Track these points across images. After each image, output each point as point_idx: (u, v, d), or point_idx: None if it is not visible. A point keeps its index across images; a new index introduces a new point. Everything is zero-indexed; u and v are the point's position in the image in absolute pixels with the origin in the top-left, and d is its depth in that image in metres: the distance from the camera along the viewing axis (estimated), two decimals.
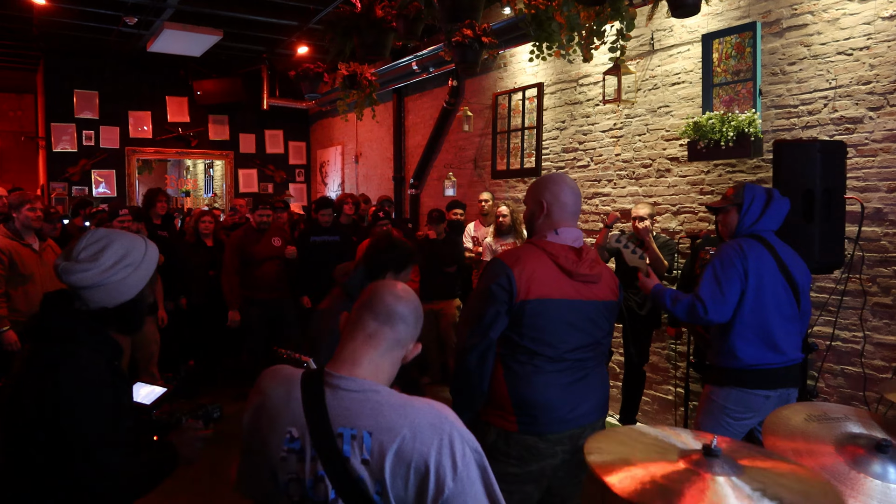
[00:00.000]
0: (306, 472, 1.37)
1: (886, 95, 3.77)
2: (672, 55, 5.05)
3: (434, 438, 1.32)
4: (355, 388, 1.39)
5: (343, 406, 1.37)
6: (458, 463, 1.31)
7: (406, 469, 1.30)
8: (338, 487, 1.33)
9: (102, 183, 9.77)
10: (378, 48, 4.94)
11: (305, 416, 1.38)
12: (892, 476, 1.59)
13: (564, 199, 2.35)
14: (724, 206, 3.04)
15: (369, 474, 1.32)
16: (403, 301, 1.48)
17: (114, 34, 8.45)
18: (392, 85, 8.10)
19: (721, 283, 2.84)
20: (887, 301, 3.80)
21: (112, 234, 1.85)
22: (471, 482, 1.32)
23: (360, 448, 1.33)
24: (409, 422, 1.34)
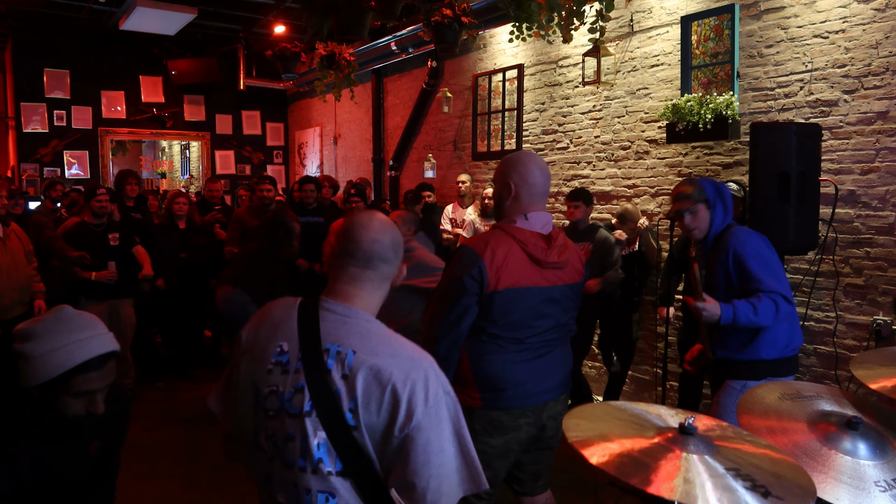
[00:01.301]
0: (288, 383, 1.41)
1: (861, 79, 3.81)
2: (651, 37, 5.05)
3: (413, 370, 1.37)
4: (349, 314, 1.46)
5: (335, 326, 1.44)
6: (430, 398, 1.35)
7: (381, 391, 1.34)
8: (315, 398, 1.37)
9: (75, 164, 9.58)
10: (356, 28, 4.89)
11: (298, 331, 1.45)
12: (862, 452, 1.62)
13: (533, 181, 2.33)
14: (692, 207, 2.85)
15: (346, 390, 1.35)
16: (380, 241, 1.51)
17: (85, 11, 8.25)
18: (371, 65, 8.02)
19: (776, 270, 2.68)
20: (859, 282, 3.87)
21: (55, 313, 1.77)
22: (439, 419, 1.35)
23: (343, 363, 1.37)
24: (392, 350, 1.40)
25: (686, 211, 2.86)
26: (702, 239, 2.90)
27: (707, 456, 1.41)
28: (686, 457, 1.40)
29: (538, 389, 2.34)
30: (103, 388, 1.78)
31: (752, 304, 2.59)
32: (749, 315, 2.58)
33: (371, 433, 1.35)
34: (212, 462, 4.25)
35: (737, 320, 2.58)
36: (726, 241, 2.77)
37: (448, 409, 1.38)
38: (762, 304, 2.58)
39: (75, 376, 1.71)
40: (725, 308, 2.59)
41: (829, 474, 1.57)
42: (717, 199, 2.83)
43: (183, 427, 4.94)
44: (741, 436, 1.59)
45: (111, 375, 1.80)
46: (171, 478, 4.14)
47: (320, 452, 1.36)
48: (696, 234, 2.90)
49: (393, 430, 1.33)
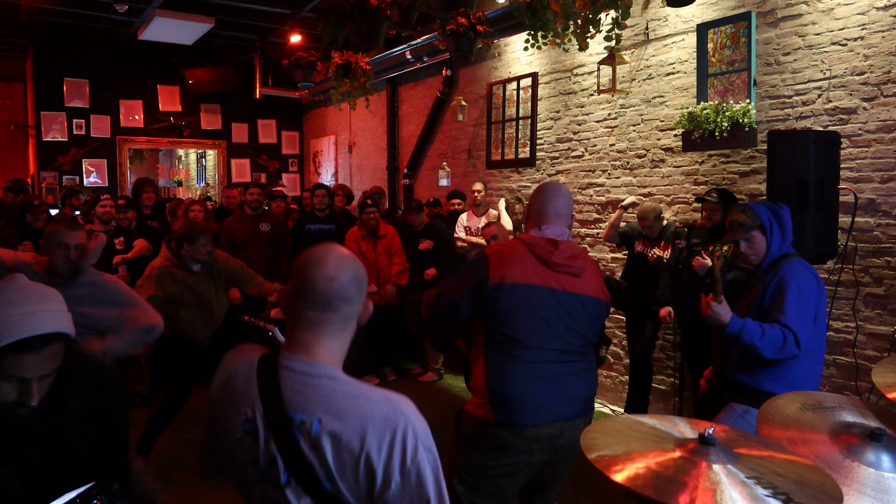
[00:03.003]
0: (260, 453, 1.34)
1: (880, 86, 3.78)
2: (667, 45, 5.04)
3: (386, 433, 1.29)
4: (311, 372, 1.34)
5: (296, 389, 1.33)
6: (408, 461, 1.28)
7: (354, 462, 1.28)
8: (290, 470, 1.31)
9: (94, 172, 9.69)
10: (372, 37, 4.91)
11: (260, 397, 1.34)
12: (886, 464, 1.59)
13: (552, 201, 2.46)
14: (746, 234, 2.75)
15: (318, 461, 1.29)
16: (337, 280, 1.36)
17: (104, 22, 8.36)
18: (386, 74, 8.06)
19: (804, 315, 2.57)
20: (879, 291, 3.82)
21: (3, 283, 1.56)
22: (420, 481, 1.29)
23: (309, 435, 1.29)
24: (360, 413, 1.30)
25: (741, 239, 2.75)
26: (758, 264, 2.79)
27: (729, 465, 1.40)
28: (708, 467, 1.38)
29: (553, 407, 2.27)
30: (43, 377, 1.55)
31: (761, 328, 2.52)
32: (754, 336, 2.51)
33: (353, 496, 1.30)
34: None
35: (741, 335, 2.51)
36: (779, 268, 2.67)
37: (429, 467, 1.31)
38: (771, 333, 2.51)
39: (5, 356, 1.47)
40: (735, 319, 2.54)
41: (852, 486, 1.54)
42: (774, 223, 2.72)
43: (192, 432, 4.95)
44: (763, 444, 1.57)
45: (54, 362, 1.56)
46: (185, 486, 4.14)
47: None
48: (752, 261, 2.79)
49: (373, 496, 1.29)
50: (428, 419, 1.39)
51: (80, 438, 1.76)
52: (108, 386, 1.85)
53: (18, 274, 1.62)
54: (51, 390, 1.62)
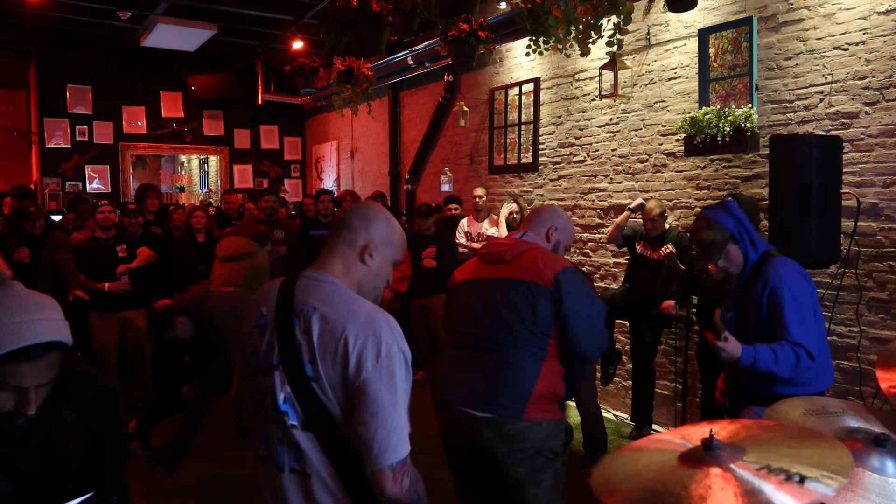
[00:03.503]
0: (264, 343, 1.56)
1: (882, 90, 3.77)
2: (668, 50, 5.04)
3: (365, 327, 1.46)
4: (319, 278, 1.60)
5: (306, 290, 1.57)
6: (382, 353, 1.44)
7: (335, 345, 1.45)
8: (281, 353, 1.50)
9: (96, 178, 9.72)
10: (374, 43, 4.93)
11: (277, 297, 1.59)
12: (891, 470, 1.58)
13: (540, 211, 2.66)
14: (722, 251, 2.63)
15: (306, 344, 1.48)
16: (346, 210, 1.70)
17: (107, 28, 8.40)
18: (388, 80, 8.08)
19: (805, 321, 2.51)
20: (883, 296, 3.81)
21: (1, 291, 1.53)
22: (390, 375, 1.44)
23: (304, 320, 1.50)
24: (349, 307, 1.51)
25: (720, 258, 2.63)
26: (738, 273, 2.68)
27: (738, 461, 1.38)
28: (716, 471, 1.37)
29: (452, 388, 2.35)
30: (39, 386, 1.52)
31: (773, 352, 2.45)
32: (769, 363, 2.45)
33: (331, 384, 1.45)
34: (235, 473, 4.25)
35: (755, 365, 2.45)
36: (765, 274, 2.57)
37: (400, 366, 1.46)
38: (784, 354, 2.45)
39: (2, 365, 1.45)
40: (747, 351, 2.45)
41: (856, 492, 1.53)
42: (740, 229, 2.62)
43: (203, 436, 4.95)
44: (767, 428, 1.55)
45: (51, 371, 1.54)
46: (192, 491, 4.14)
47: (286, 406, 1.48)
48: (732, 272, 2.68)
49: (346, 381, 1.44)
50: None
51: (76, 449, 1.74)
52: (104, 396, 1.82)
53: (15, 282, 1.61)
54: (46, 400, 1.60)
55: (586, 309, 2.36)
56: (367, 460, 1.43)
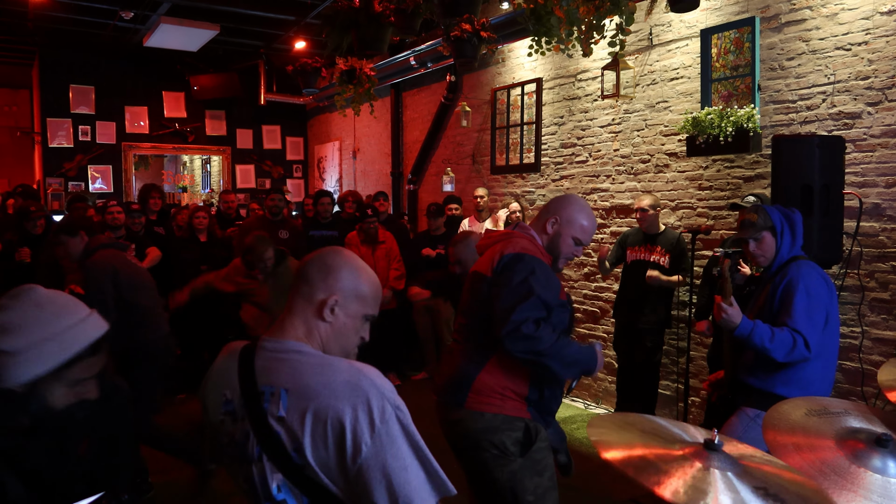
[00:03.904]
0: (239, 431, 1.41)
1: (885, 91, 3.77)
2: (671, 50, 5.04)
3: (350, 397, 1.31)
4: (280, 348, 1.43)
5: (267, 366, 1.41)
6: (376, 420, 1.30)
7: (323, 428, 1.30)
8: (261, 444, 1.35)
9: (99, 178, 9.73)
10: (376, 43, 4.94)
11: (238, 377, 1.43)
12: (893, 470, 1.59)
13: (550, 201, 2.62)
14: (756, 234, 2.78)
15: (285, 431, 1.33)
16: (306, 261, 1.53)
17: (109, 29, 8.41)
18: (390, 80, 8.08)
19: (813, 317, 2.59)
20: (885, 296, 3.81)
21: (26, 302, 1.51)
22: (391, 439, 1.31)
23: (277, 405, 1.35)
24: (325, 380, 1.35)
25: (750, 238, 2.78)
26: (766, 266, 2.81)
27: (730, 472, 1.39)
28: (703, 468, 1.38)
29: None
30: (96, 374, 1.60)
31: (771, 331, 2.55)
32: (764, 339, 2.53)
33: (324, 468, 1.32)
34: None
35: (751, 337, 2.54)
36: (787, 270, 2.69)
37: (397, 424, 1.33)
38: (780, 335, 2.54)
39: (73, 366, 1.51)
40: (746, 321, 2.56)
41: (858, 493, 1.54)
42: (785, 226, 2.74)
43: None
44: (768, 461, 1.56)
45: (104, 357, 1.62)
46: (191, 493, 4.14)
47: (282, 494, 1.35)
48: (760, 262, 2.81)
49: (346, 463, 1.30)
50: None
51: (87, 447, 1.76)
52: (114, 395, 1.86)
53: (33, 285, 1.60)
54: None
55: (512, 291, 2.24)
56: None
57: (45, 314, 1.50)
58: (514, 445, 2.29)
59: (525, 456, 2.29)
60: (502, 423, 2.29)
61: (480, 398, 2.31)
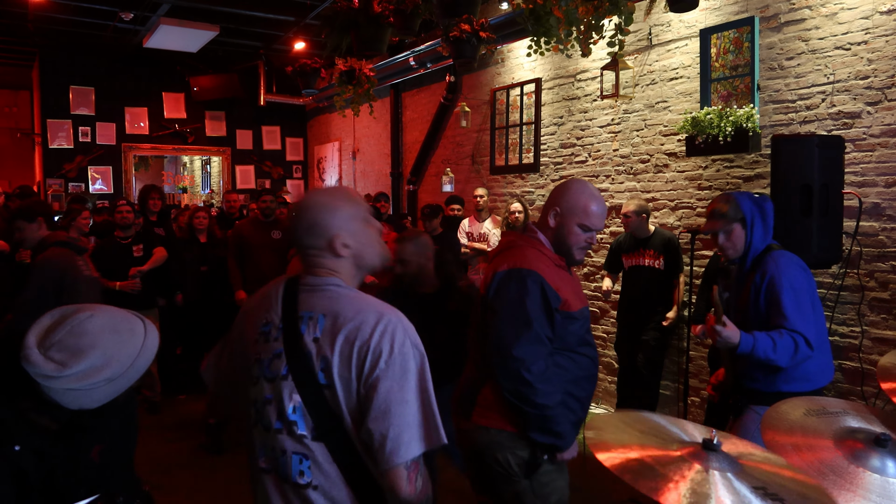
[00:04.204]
0: (268, 350, 1.53)
1: (884, 90, 3.77)
2: (670, 50, 5.04)
3: (379, 324, 1.44)
4: (319, 283, 1.57)
5: (310, 296, 1.55)
6: (396, 348, 1.42)
7: (350, 348, 1.43)
8: (290, 362, 1.47)
9: (99, 179, 9.74)
10: (375, 44, 4.93)
11: (282, 303, 1.57)
12: (891, 470, 1.58)
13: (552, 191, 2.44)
14: (726, 227, 2.69)
15: (317, 351, 1.45)
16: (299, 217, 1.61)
17: (109, 30, 8.41)
18: (389, 80, 8.08)
19: (802, 311, 2.53)
20: (885, 296, 3.80)
21: (100, 331, 1.53)
22: (404, 370, 1.42)
23: (314, 327, 1.48)
24: (358, 308, 1.49)
25: (720, 231, 2.69)
26: (739, 258, 2.73)
27: (729, 473, 1.39)
28: (702, 471, 1.37)
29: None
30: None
31: (772, 340, 2.47)
32: (768, 351, 2.46)
33: (344, 389, 1.42)
34: (232, 475, 4.26)
35: (754, 352, 2.46)
36: (764, 265, 2.61)
37: (414, 361, 1.44)
38: (782, 342, 2.47)
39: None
40: (745, 338, 2.47)
41: (857, 492, 1.53)
42: (756, 217, 2.66)
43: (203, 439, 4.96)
44: (767, 459, 1.56)
45: None
46: (191, 491, 4.15)
47: (295, 415, 1.45)
48: (729, 255, 2.73)
49: (360, 381, 1.41)
50: None
51: (98, 453, 1.78)
52: (126, 403, 1.86)
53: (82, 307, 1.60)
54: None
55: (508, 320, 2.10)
56: (380, 458, 1.39)
57: (123, 338, 1.57)
58: (518, 466, 2.17)
59: (531, 478, 2.17)
60: (507, 439, 2.17)
61: (486, 412, 2.21)
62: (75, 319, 1.53)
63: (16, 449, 1.55)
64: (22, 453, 1.56)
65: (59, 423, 1.61)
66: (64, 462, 1.67)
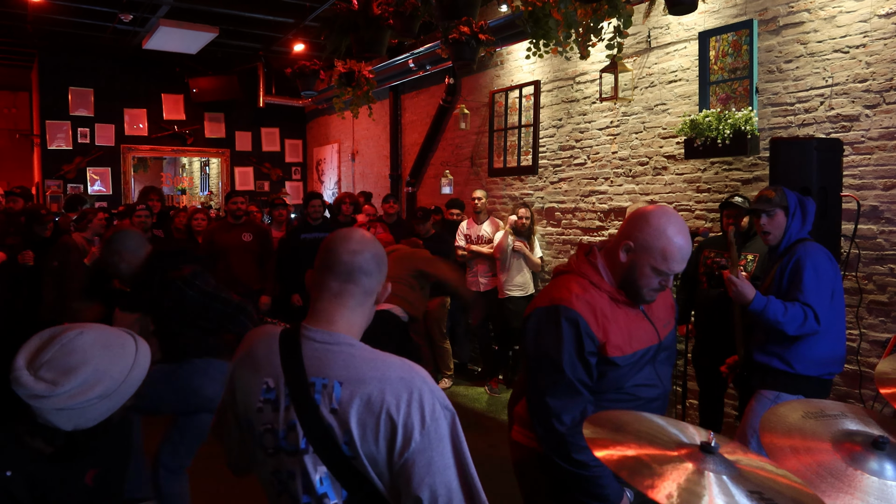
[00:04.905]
0: (280, 421, 1.38)
1: (883, 93, 3.77)
2: (669, 53, 5.05)
3: (404, 392, 1.32)
4: (330, 340, 1.41)
5: (317, 357, 1.39)
6: (427, 418, 1.32)
7: (375, 420, 1.31)
8: (309, 435, 1.34)
9: (98, 181, 9.73)
10: (375, 46, 4.94)
11: (282, 366, 1.40)
12: (889, 473, 1.58)
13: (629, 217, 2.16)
14: (771, 209, 2.94)
15: (338, 423, 1.32)
16: (360, 254, 1.45)
17: (109, 31, 8.42)
18: (389, 82, 8.09)
19: (821, 293, 2.76)
20: (883, 299, 3.81)
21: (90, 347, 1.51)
22: (439, 438, 1.32)
23: (330, 397, 1.33)
24: (379, 374, 1.35)
25: (764, 212, 2.94)
26: (774, 246, 2.98)
27: (725, 476, 1.38)
28: (698, 471, 1.37)
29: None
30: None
31: (784, 305, 2.70)
32: (778, 314, 2.69)
33: (371, 461, 1.32)
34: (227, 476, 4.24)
35: (765, 312, 2.69)
36: (794, 249, 2.87)
37: (446, 422, 1.34)
38: (793, 310, 2.69)
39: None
40: (759, 297, 2.72)
41: (855, 495, 1.53)
42: (798, 209, 2.92)
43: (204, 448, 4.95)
44: (764, 465, 1.56)
45: None
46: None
47: (324, 487, 1.35)
48: (769, 240, 2.97)
49: (393, 457, 1.31)
50: None
51: (92, 478, 1.77)
52: (122, 427, 1.88)
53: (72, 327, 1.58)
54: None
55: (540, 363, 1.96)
56: None
57: (114, 353, 1.55)
58: (547, 487, 2.08)
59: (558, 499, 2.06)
60: (538, 459, 2.05)
61: (519, 429, 2.17)
62: (65, 338, 1.50)
63: (7, 474, 1.52)
64: (13, 479, 1.52)
65: (54, 445, 1.57)
66: (57, 487, 1.64)
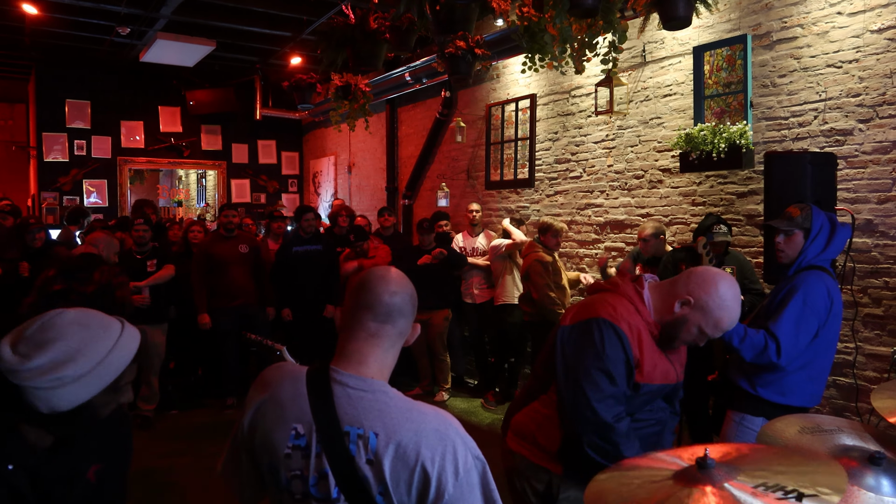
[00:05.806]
0: (311, 468, 1.37)
1: (875, 108, 3.80)
2: (664, 67, 5.08)
3: (438, 444, 1.33)
4: (365, 387, 1.39)
5: (351, 405, 1.37)
6: (460, 469, 1.32)
7: (409, 473, 1.31)
8: (342, 486, 1.34)
9: (94, 193, 9.72)
10: (371, 59, 4.95)
11: (312, 413, 1.38)
12: (886, 489, 1.58)
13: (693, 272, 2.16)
14: (789, 229, 2.73)
15: (373, 475, 1.32)
16: (399, 294, 1.46)
17: (106, 44, 8.44)
18: (385, 96, 8.11)
19: (801, 327, 2.57)
20: (878, 312, 3.81)
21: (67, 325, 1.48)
22: (470, 488, 1.33)
23: (366, 448, 1.33)
24: (415, 426, 1.34)
25: (782, 231, 2.74)
26: (786, 265, 2.76)
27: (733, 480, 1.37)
28: (711, 489, 1.36)
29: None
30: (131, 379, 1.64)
31: (745, 331, 2.57)
32: (734, 337, 2.56)
33: None
34: (224, 491, 4.22)
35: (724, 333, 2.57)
36: (799, 277, 2.66)
37: (477, 472, 1.35)
38: (755, 337, 2.56)
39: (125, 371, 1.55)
40: None
41: None
42: (823, 233, 2.69)
43: (195, 455, 4.92)
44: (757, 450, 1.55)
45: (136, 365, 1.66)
46: (186, 490, 4.11)
47: None
48: (782, 258, 2.76)
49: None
50: None
51: (94, 474, 1.77)
52: (123, 423, 1.88)
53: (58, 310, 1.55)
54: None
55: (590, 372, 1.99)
56: None
57: (93, 333, 1.50)
58: (534, 496, 2.15)
59: None
60: (527, 468, 2.16)
61: (515, 438, 2.23)
62: (47, 315, 1.49)
63: (9, 468, 1.51)
64: (15, 472, 1.52)
65: (52, 434, 1.57)
66: (59, 483, 1.64)
